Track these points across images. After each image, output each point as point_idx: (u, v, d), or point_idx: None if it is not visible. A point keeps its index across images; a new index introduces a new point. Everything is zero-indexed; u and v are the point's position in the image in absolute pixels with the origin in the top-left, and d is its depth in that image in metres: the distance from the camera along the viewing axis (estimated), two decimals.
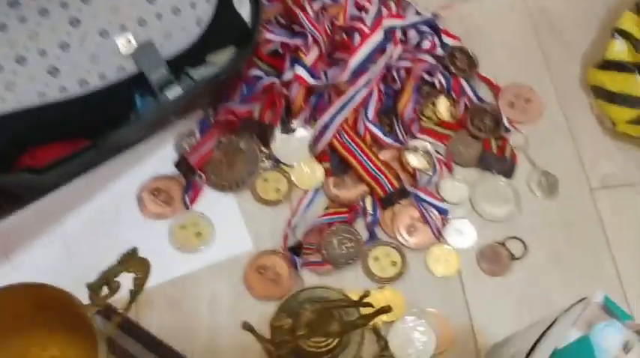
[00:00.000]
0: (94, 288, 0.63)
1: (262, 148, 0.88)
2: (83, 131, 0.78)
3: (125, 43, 0.78)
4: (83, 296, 0.64)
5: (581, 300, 0.58)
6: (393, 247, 0.83)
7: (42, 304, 0.64)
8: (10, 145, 0.74)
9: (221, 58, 0.84)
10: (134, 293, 0.67)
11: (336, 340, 0.65)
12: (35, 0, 0.75)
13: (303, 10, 0.92)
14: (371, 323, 0.71)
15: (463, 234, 0.84)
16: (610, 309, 0.56)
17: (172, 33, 0.80)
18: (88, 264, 0.80)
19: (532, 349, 0.58)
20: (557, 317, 0.59)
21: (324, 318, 0.67)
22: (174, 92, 0.80)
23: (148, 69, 0.79)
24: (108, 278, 0.64)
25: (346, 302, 0.73)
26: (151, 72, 0.79)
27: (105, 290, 0.65)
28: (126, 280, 0.67)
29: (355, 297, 0.77)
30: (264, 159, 0.88)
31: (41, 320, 0.65)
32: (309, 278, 0.82)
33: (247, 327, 0.69)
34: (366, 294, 0.72)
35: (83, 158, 0.77)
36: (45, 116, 0.74)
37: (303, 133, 0.88)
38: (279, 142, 0.88)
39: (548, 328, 0.59)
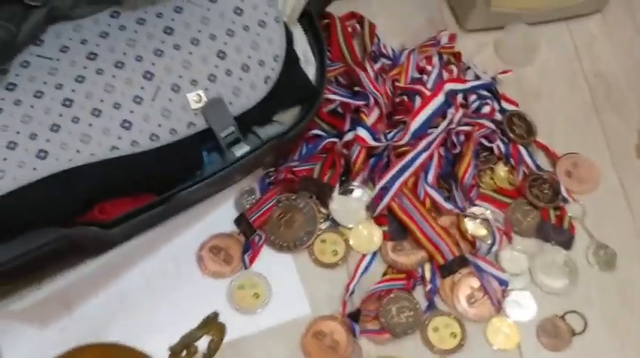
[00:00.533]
0: (176, 351, 0.63)
1: (321, 209, 0.87)
2: (151, 186, 0.77)
3: (196, 99, 0.77)
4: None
5: None
6: (453, 318, 0.82)
7: None
8: (81, 198, 0.73)
9: (287, 117, 0.84)
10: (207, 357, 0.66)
11: None
12: (112, 52, 0.75)
13: (364, 70, 0.91)
14: None
15: (523, 307, 0.83)
16: None
17: (241, 90, 0.80)
18: (143, 322, 0.80)
19: None
20: None
21: None
22: (241, 150, 0.80)
23: (217, 125, 0.78)
24: (189, 342, 0.64)
25: None
26: (219, 129, 0.78)
27: (184, 353, 0.65)
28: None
29: None
30: (322, 219, 0.87)
31: None
32: (367, 346, 0.81)
33: None
34: None
35: (150, 214, 0.76)
36: (116, 170, 0.74)
37: (361, 194, 0.88)
38: (337, 203, 0.87)
39: None
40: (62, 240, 0.72)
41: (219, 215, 0.87)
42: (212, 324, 0.65)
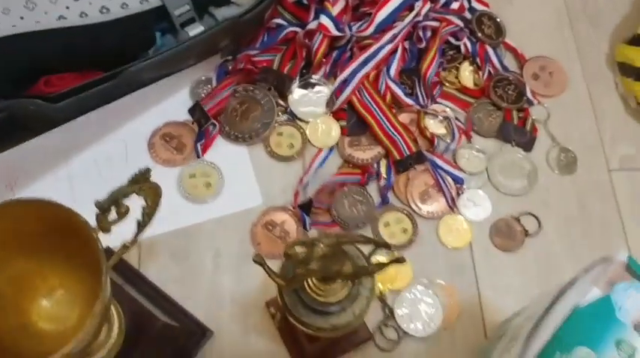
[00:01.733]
0: (102, 208, 0.58)
1: (279, 101, 0.85)
2: (100, 63, 0.74)
3: None
4: None
5: (603, 259, 0.56)
6: (405, 214, 0.80)
7: (46, 223, 0.58)
8: (25, 68, 0.71)
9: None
10: (142, 224, 0.62)
11: (346, 288, 0.62)
12: None
13: None
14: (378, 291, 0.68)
15: (477, 206, 0.82)
16: (633, 270, 0.54)
17: None
18: (91, 207, 0.78)
19: (549, 307, 0.56)
20: (577, 276, 0.57)
21: (337, 256, 0.64)
22: (195, 30, 0.77)
23: (171, 2, 0.76)
24: (117, 199, 0.58)
25: (363, 238, 0.68)
26: (173, 6, 0.76)
27: (113, 213, 0.59)
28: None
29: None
30: (280, 112, 0.85)
31: (44, 242, 0.59)
32: None
33: (258, 259, 0.65)
34: (383, 242, 0.70)
35: (97, 90, 0.73)
36: (62, 41, 0.72)
37: (321, 89, 0.85)
38: (297, 96, 0.85)
39: (567, 286, 0.57)
40: (3, 112, 0.70)
41: (173, 103, 0.84)
42: (142, 181, 0.60)
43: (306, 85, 0.86)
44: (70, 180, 0.79)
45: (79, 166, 0.80)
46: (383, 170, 0.83)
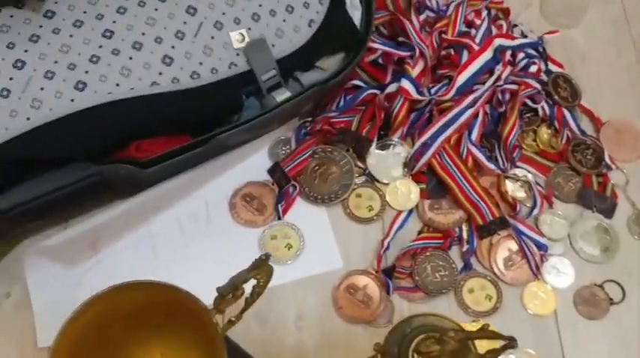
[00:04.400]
0: (223, 293, 0.59)
1: (357, 162, 0.85)
2: (189, 127, 0.75)
3: (239, 38, 0.75)
4: None
5: None
6: (489, 280, 0.79)
7: (155, 303, 0.60)
8: (118, 134, 0.71)
9: (330, 64, 0.81)
10: (250, 301, 0.62)
11: None
12: None
13: (410, 21, 0.88)
14: None
15: (561, 273, 0.80)
16: None
17: (284, 32, 0.77)
18: (173, 266, 0.78)
19: None
20: None
21: (464, 350, 0.63)
22: (282, 95, 0.77)
23: (259, 67, 0.76)
24: (237, 285, 0.60)
25: (491, 334, 0.68)
26: (261, 71, 0.76)
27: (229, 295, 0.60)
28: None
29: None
30: (358, 174, 0.84)
31: (150, 321, 0.61)
32: (399, 303, 0.79)
33: (380, 349, 0.64)
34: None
35: (187, 156, 0.74)
36: (155, 107, 0.71)
37: (400, 150, 0.85)
38: (375, 158, 0.85)
39: None
40: (95, 176, 0.70)
41: (252, 163, 0.84)
42: (262, 267, 0.62)
43: (384, 146, 0.85)
44: (152, 239, 0.79)
45: (161, 225, 0.80)
46: (465, 234, 0.82)
